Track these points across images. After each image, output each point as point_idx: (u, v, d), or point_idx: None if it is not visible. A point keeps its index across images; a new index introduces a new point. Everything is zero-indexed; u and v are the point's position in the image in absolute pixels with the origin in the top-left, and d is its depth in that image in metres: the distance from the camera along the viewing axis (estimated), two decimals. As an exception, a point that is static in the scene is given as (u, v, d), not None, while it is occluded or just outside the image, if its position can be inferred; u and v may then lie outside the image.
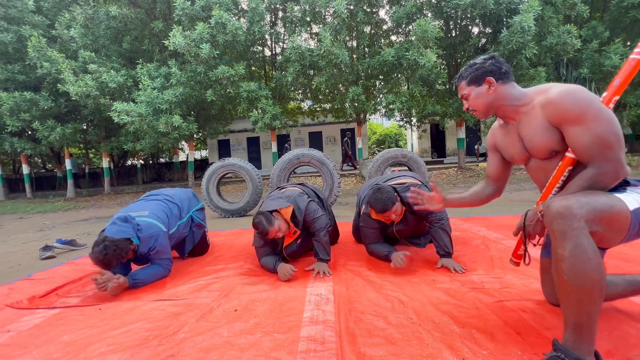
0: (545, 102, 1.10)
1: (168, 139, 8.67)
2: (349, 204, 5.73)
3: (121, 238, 1.79)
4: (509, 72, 1.22)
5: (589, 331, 0.93)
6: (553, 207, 0.96)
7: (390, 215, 1.93)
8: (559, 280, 0.96)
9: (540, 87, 1.17)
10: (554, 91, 1.09)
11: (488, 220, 3.17)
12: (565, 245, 0.92)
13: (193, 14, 8.14)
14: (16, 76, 9.45)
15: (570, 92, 1.05)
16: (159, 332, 1.35)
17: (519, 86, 1.24)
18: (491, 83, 1.21)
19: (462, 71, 1.30)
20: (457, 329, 1.24)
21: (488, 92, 1.22)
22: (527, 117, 1.17)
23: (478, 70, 1.23)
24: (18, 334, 1.43)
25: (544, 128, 1.11)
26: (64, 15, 9.24)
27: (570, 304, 0.95)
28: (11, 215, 8.13)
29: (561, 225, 0.93)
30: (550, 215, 0.97)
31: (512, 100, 1.20)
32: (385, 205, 1.88)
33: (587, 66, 8.33)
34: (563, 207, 0.94)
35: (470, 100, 1.27)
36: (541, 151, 1.15)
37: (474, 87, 1.25)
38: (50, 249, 3.00)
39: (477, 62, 1.25)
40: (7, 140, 10.52)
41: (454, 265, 1.86)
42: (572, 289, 0.93)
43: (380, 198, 1.90)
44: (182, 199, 2.42)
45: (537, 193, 4.80)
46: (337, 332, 1.26)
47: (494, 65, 1.22)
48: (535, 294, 1.48)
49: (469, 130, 15.06)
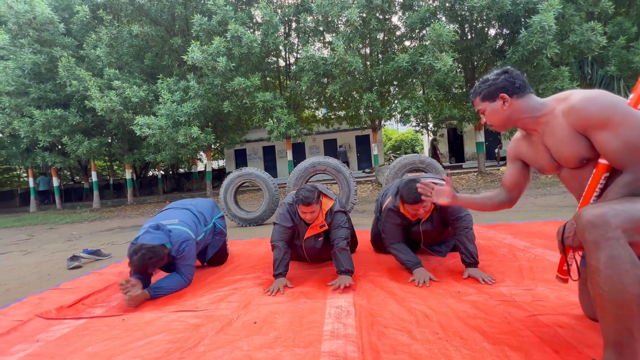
0: (568, 109, 1.05)
1: (187, 149, 8.92)
2: (366, 211, 5.65)
3: (156, 244, 1.89)
4: (523, 85, 1.18)
5: (631, 350, 0.85)
6: (585, 216, 0.91)
7: (419, 209, 1.86)
8: (595, 294, 0.89)
9: (560, 95, 1.13)
10: (576, 97, 1.04)
11: (514, 227, 3.02)
12: (599, 256, 0.86)
13: (210, 29, 8.43)
14: (48, 94, 10.06)
15: (593, 97, 1.01)
16: (180, 344, 1.35)
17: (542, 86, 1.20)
18: (505, 99, 1.18)
19: (476, 87, 1.27)
20: (488, 345, 1.17)
21: (503, 108, 1.19)
22: (549, 126, 1.12)
23: (491, 87, 1.21)
24: (46, 344, 1.47)
25: (569, 136, 1.07)
26: (90, 36, 9.80)
27: (608, 320, 0.88)
28: (42, 226, 8.54)
29: (593, 235, 0.88)
30: (582, 225, 0.91)
31: (530, 112, 1.17)
32: (419, 196, 1.77)
33: (614, 64, 7.96)
34: (595, 215, 0.89)
35: (486, 116, 1.25)
36: (570, 160, 1.10)
37: (488, 103, 1.23)
38: (77, 259, 3.10)
39: (490, 77, 1.22)
40: (40, 155, 11.16)
41: (482, 276, 1.77)
42: (609, 304, 0.86)
43: (414, 187, 1.80)
44: (206, 207, 2.52)
45: (565, 198, 4.59)
46: (359, 348, 1.21)
47: (506, 80, 1.18)
48: (571, 308, 1.38)
49: (489, 134, 14.63)
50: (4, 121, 10.05)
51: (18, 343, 1.50)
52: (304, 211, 1.89)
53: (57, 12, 10.27)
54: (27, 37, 9.60)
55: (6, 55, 9.77)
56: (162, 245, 1.92)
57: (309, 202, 1.85)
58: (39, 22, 9.37)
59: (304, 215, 1.90)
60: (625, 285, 0.83)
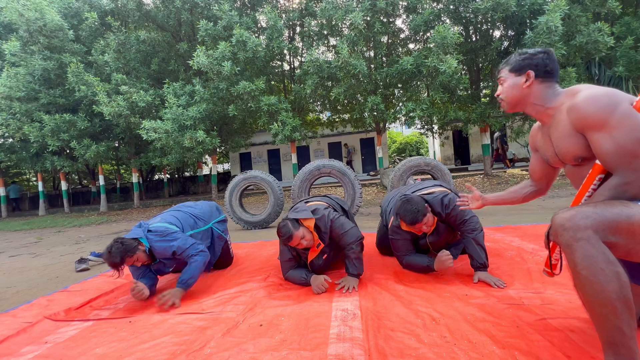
0: (570, 107, 1.05)
1: (193, 153, 8.99)
2: (372, 214, 5.63)
3: (129, 237, 1.93)
4: (553, 72, 1.15)
5: (626, 348, 0.84)
6: (556, 220, 0.92)
7: (421, 227, 1.86)
8: (579, 296, 0.90)
9: (572, 89, 1.11)
10: (581, 95, 1.03)
11: (522, 230, 2.98)
12: (574, 258, 0.86)
13: (215, 34, 8.53)
14: (57, 100, 10.24)
15: (596, 96, 0.99)
16: (186, 346, 1.35)
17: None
18: (529, 77, 1.16)
19: (511, 57, 1.24)
20: (497, 349, 1.15)
21: (523, 86, 1.17)
22: (555, 120, 1.12)
23: (525, 60, 1.17)
24: (54, 346, 1.48)
25: (569, 133, 1.07)
26: (99, 42, 9.98)
27: (597, 321, 0.87)
28: (51, 229, 8.66)
29: (565, 237, 0.88)
30: (554, 229, 0.92)
31: (542, 101, 1.15)
32: (415, 217, 1.80)
33: (622, 64, 7.86)
34: (565, 218, 0.89)
35: (504, 87, 1.23)
36: (567, 157, 1.11)
37: (514, 75, 1.20)
38: (84, 262, 3.13)
39: (530, 51, 1.19)
40: (49, 159, 11.35)
41: (493, 280, 1.74)
42: (593, 305, 0.86)
43: (409, 209, 1.82)
44: (204, 211, 2.51)
45: (572, 200, 4.47)
46: (366, 351, 1.20)
47: (542, 60, 1.15)
48: (582, 311, 1.35)
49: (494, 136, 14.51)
50: (14, 126, 10.25)
51: (27, 344, 1.52)
52: (293, 245, 1.87)
53: (67, 19, 10.48)
54: (38, 43, 9.81)
55: (17, 62, 9.99)
56: (135, 239, 1.94)
57: (289, 236, 1.82)
58: (49, 29, 9.57)
59: (298, 246, 1.88)
60: (603, 284, 0.83)
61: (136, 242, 1.93)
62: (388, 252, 2.48)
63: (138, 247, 1.91)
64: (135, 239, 1.94)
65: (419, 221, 1.81)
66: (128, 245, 1.88)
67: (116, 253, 1.82)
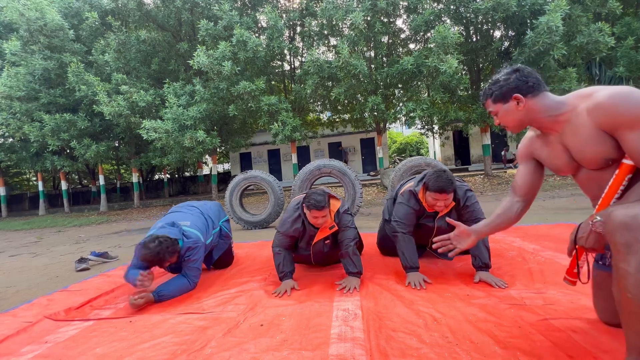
0: (594, 107, 1.00)
1: (193, 153, 9.00)
2: (372, 214, 5.63)
3: (173, 238, 1.91)
4: (537, 83, 1.12)
5: None
6: (616, 217, 0.86)
7: (441, 200, 1.80)
8: (622, 298, 0.85)
9: (582, 92, 1.07)
10: (603, 94, 0.98)
11: (522, 230, 2.98)
12: (630, 260, 0.82)
13: (216, 33, 8.53)
14: (57, 99, 10.25)
15: (623, 94, 0.95)
16: (187, 346, 1.34)
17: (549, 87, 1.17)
18: (519, 99, 1.12)
19: (486, 89, 1.22)
20: (499, 350, 1.14)
21: (517, 109, 1.14)
22: (571, 126, 1.06)
23: (502, 87, 1.15)
24: (55, 345, 1.47)
25: (594, 136, 1.01)
26: (99, 42, 9.99)
27: (634, 326, 0.84)
28: (51, 229, 8.66)
29: (626, 237, 0.83)
30: (613, 226, 0.87)
31: (547, 112, 1.11)
32: (446, 185, 1.74)
33: (622, 64, 7.86)
34: (629, 216, 0.84)
35: (500, 117, 1.21)
36: (594, 161, 1.04)
37: (501, 104, 1.18)
38: (84, 261, 3.13)
39: (500, 78, 1.17)
40: (49, 159, 11.35)
41: (494, 280, 1.73)
42: (637, 309, 0.82)
43: (443, 177, 1.77)
44: (213, 210, 2.52)
45: (573, 201, 4.50)
46: (367, 351, 1.20)
47: (519, 80, 1.12)
48: (585, 312, 1.35)
49: (495, 136, 14.53)
50: (15, 126, 10.26)
51: (27, 344, 1.51)
52: (315, 216, 1.85)
53: (67, 18, 10.50)
54: (38, 43, 9.82)
55: (17, 62, 10.00)
56: (176, 240, 1.93)
57: (322, 207, 1.83)
58: (50, 29, 9.58)
59: (315, 220, 1.87)
60: None
61: (178, 244, 1.93)
62: (389, 252, 2.47)
63: (178, 248, 1.92)
64: (177, 240, 1.93)
65: (446, 191, 1.76)
66: (174, 246, 1.87)
67: (165, 252, 1.81)
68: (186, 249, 1.99)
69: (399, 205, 2.00)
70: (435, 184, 1.78)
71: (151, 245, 1.81)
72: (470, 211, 1.92)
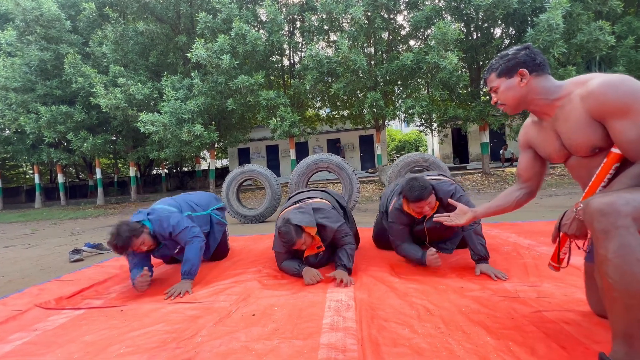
0: (586, 94, 1.00)
1: (190, 147, 8.95)
2: (369, 210, 5.62)
3: (133, 221, 1.94)
4: (544, 63, 1.12)
5: None
6: (594, 204, 0.87)
7: (424, 207, 1.84)
8: (603, 284, 0.86)
9: (579, 78, 1.07)
10: (596, 82, 0.98)
11: (518, 227, 2.97)
12: (608, 245, 0.83)
13: (215, 26, 8.45)
14: (54, 91, 10.15)
15: (615, 82, 0.95)
16: (177, 335, 1.33)
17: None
18: (524, 75, 1.11)
19: (493, 62, 1.20)
20: (492, 340, 1.13)
21: (520, 85, 1.12)
22: (564, 111, 1.06)
23: (510, 61, 1.14)
24: (44, 333, 1.46)
25: (584, 123, 1.01)
26: (96, 33, 9.87)
27: (617, 311, 0.85)
28: (46, 222, 8.62)
29: (603, 223, 0.84)
30: (591, 213, 0.88)
31: (546, 94, 1.10)
32: (421, 194, 1.78)
33: (622, 63, 7.86)
34: (605, 203, 0.85)
35: (500, 94, 1.18)
36: (582, 148, 1.05)
37: (505, 79, 1.16)
38: (78, 252, 3.11)
39: (510, 52, 1.15)
40: (45, 151, 11.26)
41: (494, 272, 1.73)
42: (618, 294, 0.83)
43: (416, 186, 1.81)
44: (202, 199, 2.52)
45: (571, 199, 4.50)
46: (359, 340, 1.19)
47: (527, 56, 1.12)
48: (578, 304, 1.34)
49: (493, 135, 14.52)
50: (10, 117, 10.16)
51: (16, 331, 1.49)
52: (295, 247, 1.85)
53: (64, 9, 10.37)
54: (34, 34, 9.70)
55: (13, 52, 9.89)
56: (139, 222, 1.95)
57: (293, 243, 1.80)
58: (46, 19, 9.46)
59: (297, 247, 1.87)
60: (636, 275, 0.80)
61: (140, 225, 1.93)
62: (384, 246, 2.46)
63: (143, 230, 1.92)
64: (138, 222, 1.94)
65: (424, 198, 1.79)
66: (133, 227, 1.87)
67: (123, 235, 1.79)
68: (159, 224, 1.98)
69: (390, 225, 2.07)
70: (412, 195, 1.82)
71: (111, 234, 1.83)
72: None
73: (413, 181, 1.85)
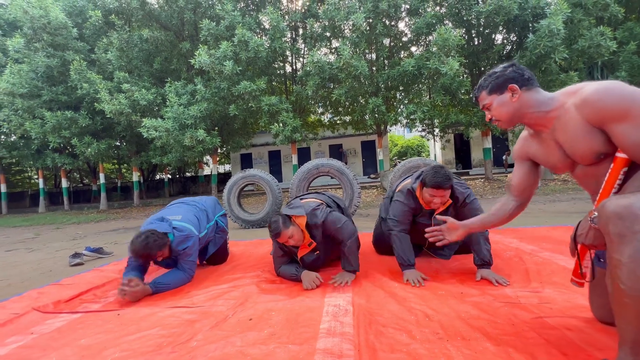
0: (580, 103, 0.99)
1: (193, 152, 9.00)
2: (370, 215, 5.59)
3: (161, 231, 1.89)
4: (532, 78, 1.14)
5: None
6: (610, 207, 0.85)
7: (439, 197, 1.78)
8: (615, 289, 0.83)
9: (569, 89, 1.07)
10: (589, 89, 0.98)
11: (521, 232, 2.94)
12: (624, 249, 0.81)
13: (218, 33, 8.56)
14: (59, 97, 10.29)
15: (609, 87, 0.95)
16: (173, 339, 1.32)
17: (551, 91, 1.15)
18: (514, 90, 1.13)
19: (482, 81, 1.23)
20: (491, 346, 1.11)
21: (512, 100, 1.14)
22: (561, 122, 1.06)
23: (499, 78, 1.16)
24: (40, 337, 1.45)
25: (584, 131, 1.00)
26: (102, 40, 10.04)
27: (627, 318, 0.82)
28: (49, 226, 8.65)
29: (619, 226, 0.82)
30: (606, 216, 0.85)
31: (539, 107, 1.11)
32: (443, 182, 1.72)
33: (624, 69, 7.85)
34: (622, 206, 0.82)
35: (493, 110, 1.20)
36: (586, 156, 1.03)
37: (496, 95, 1.18)
38: (79, 256, 3.11)
39: (497, 70, 1.18)
40: (50, 156, 11.39)
41: (495, 278, 1.70)
42: (630, 300, 0.80)
43: (441, 172, 1.75)
44: (209, 204, 2.51)
45: (574, 204, 4.46)
46: (355, 346, 1.17)
47: (515, 72, 1.14)
48: (580, 311, 1.32)
49: (496, 140, 14.49)
50: (16, 122, 10.30)
51: (13, 335, 1.49)
52: (281, 241, 1.84)
53: (71, 17, 10.57)
54: (41, 41, 9.88)
55: (21, 59, 10.07)
56: (165, 233, 1.91)
57: (278, 232, 1.79)
58: (53, 27, 9.64)
59: (286, 243, 1.85)
60: None
61: (166, 238, 1.91)
62: (384, 251, 2.44)
63: (166, 242, 1.90)
64: (165, 234, 1.91)
65: (443, 187, 1.74)
66: (162, 240, 1.85)
67: (152, 245, 1.79)
68: (179, 241, 1.97)
69: (395, 203, 1.98)
70: (433, 179, 1.76)
71: (138, 240, 1.80)
72: (470, 209, 1.88)
73: (439, 168, 1.80)
